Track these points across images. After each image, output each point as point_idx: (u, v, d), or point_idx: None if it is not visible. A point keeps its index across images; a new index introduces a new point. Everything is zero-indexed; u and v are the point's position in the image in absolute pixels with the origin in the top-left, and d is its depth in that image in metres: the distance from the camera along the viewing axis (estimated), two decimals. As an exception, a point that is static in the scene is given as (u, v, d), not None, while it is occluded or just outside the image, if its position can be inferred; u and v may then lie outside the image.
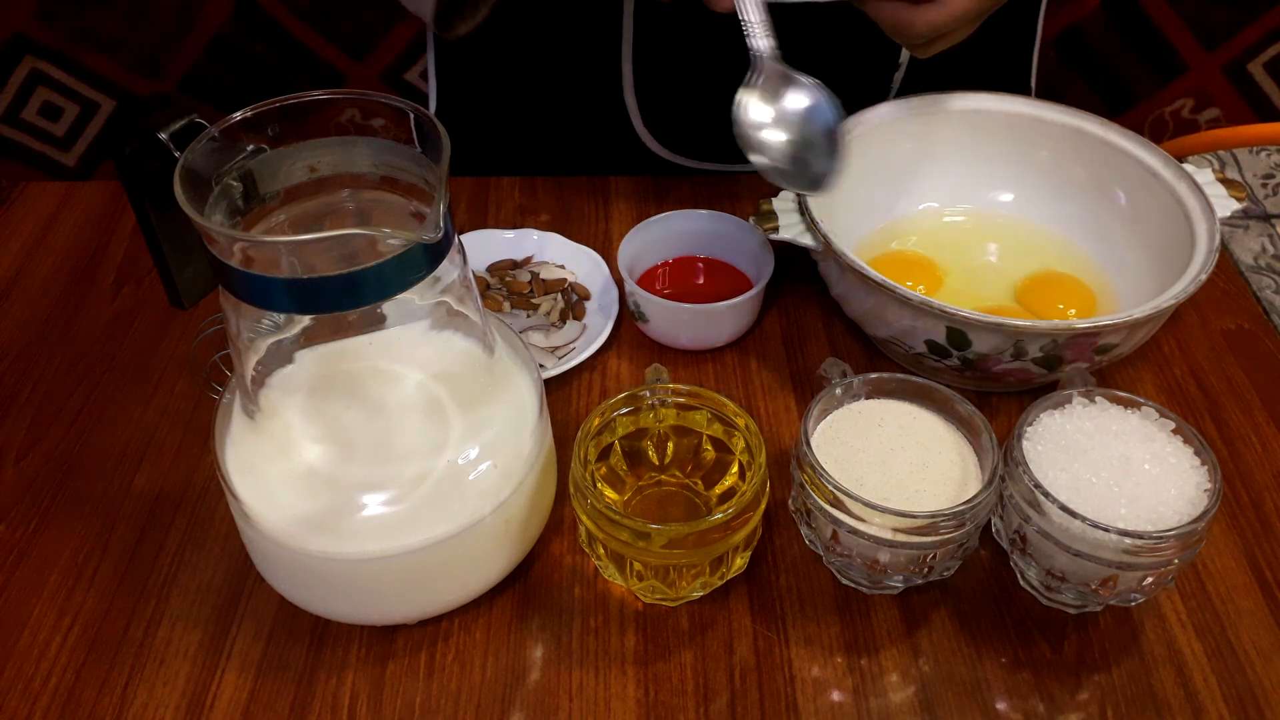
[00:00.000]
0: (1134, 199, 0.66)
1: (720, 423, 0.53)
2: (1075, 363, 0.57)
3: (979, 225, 0.72)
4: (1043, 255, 0.69)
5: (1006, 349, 0.56)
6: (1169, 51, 1.36)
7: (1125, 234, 0.67)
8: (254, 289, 0.39)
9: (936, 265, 0.69)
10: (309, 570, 0.47)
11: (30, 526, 0.56)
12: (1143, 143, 0.66)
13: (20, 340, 0.67)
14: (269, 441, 0.46)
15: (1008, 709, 0.48)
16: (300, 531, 0.45)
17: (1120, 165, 0.67)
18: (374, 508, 0.46)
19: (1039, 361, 0.57)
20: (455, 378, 0.48)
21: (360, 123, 0.55)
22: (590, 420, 0.52)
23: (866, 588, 0.52)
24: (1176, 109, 1.41)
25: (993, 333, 0.55)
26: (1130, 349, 0.58)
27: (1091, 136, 0.68)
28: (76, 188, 0.79)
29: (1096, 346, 0.56)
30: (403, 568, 0.46)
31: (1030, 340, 0.55)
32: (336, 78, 1.50)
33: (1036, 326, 0.55)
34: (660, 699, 0.48)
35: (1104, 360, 0.58)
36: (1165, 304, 0.55)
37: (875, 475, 0.50)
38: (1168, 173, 0.64)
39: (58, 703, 0.48)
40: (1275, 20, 1.32)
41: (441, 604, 0.50)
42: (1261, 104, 1.40)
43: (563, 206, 0.77)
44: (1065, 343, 0.55)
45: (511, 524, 0.49)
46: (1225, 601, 0.52)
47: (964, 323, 0.55)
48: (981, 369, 0.58)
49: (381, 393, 0.47)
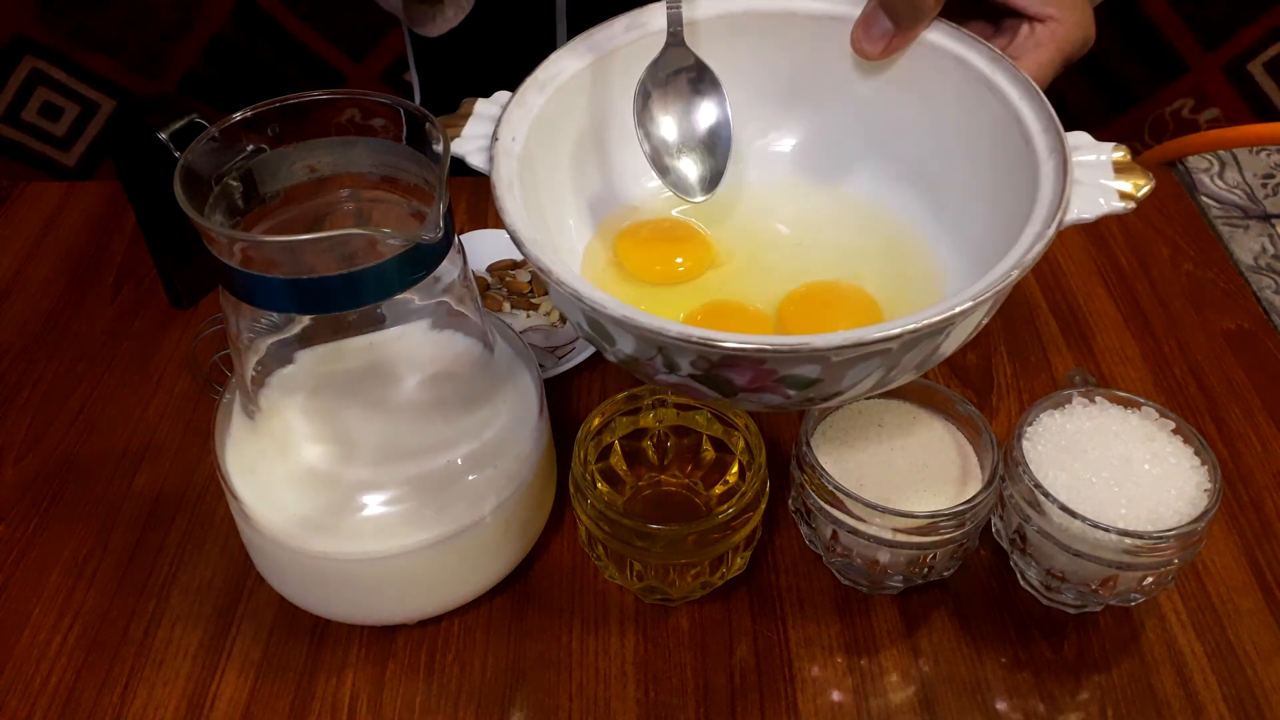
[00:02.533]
0: (968, 135, 0.48)
1: (720, 423, 0.53)
2: (761, 393, 0.41)
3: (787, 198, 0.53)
4: (854, 240, 0.51)
5: (653, 354, 0.40)
6: (1169, 51, 1.36)
7: (960, 198, 0.49)
8: (254, 289, 0.39)
9: (713, 250, 0.52)
10: (309, 570, 0.47)
11: (30, 526, 0.56)
12: (969, 41, 0.47)
13: (20, 340, 0.67)
14: (269, 441, 0.46)
15: (1008, 709, 0.48)
16: (300, 531, 0.45)
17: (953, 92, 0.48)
18: (374, 508, 0.46)
19: (700, 379, 0.41)
20: (456, 377, 0.47)
21: (360, 123, 0.55)
22: (590, 420, 0.52)
23: (866, 588, 0.52)
24: (1176, 109, 1.42)
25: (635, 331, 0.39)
26: (859, 394, 0.42)
27: (944, 52, 0.48)
28: (76, 188, 0.79)
29: (780, 376, 0.39)
30: (402, 568, 0.46)
31: (677, 352, 0.39)
32: (336, 78, 1.50)
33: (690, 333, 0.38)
34: (660, 699, 0.48)
35: (803, 396, 0.41)
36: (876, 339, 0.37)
37: (875, 475, 0.50)
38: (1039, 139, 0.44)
39: (58, 703, 0.48)
40: (1275, 20, 1.32)
41: (442, 604, 0.50)
42: (1261, 104, 1.40)
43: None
44: (721, 360, 0.39)
45: (512, 524, 0.49)
46: (1225, 601, 0.52)
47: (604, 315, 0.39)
48: (641, 372, 0.43)
49: (382, 392, 0.47)
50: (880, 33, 0.49)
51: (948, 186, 0.50)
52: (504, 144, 0.45)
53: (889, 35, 0.49)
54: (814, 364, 0.39)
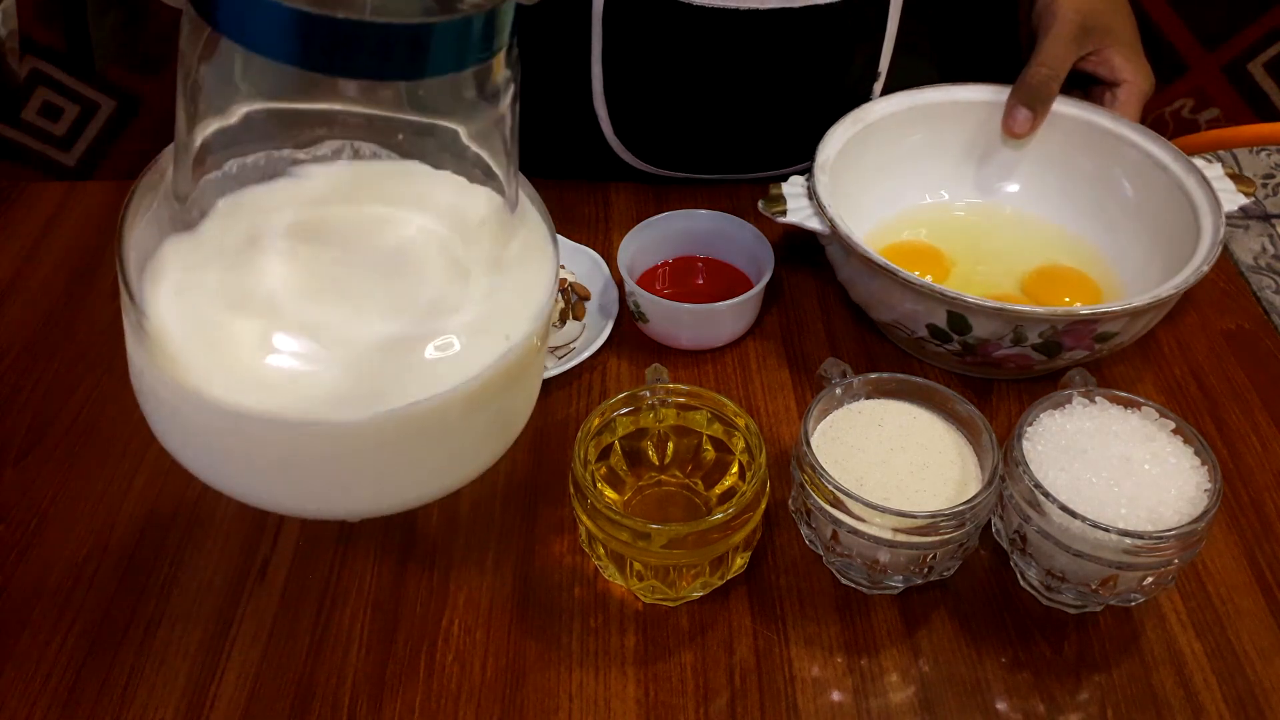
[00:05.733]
0: (1140, 191, 0.67)
1: (720, 423, 0.53)
2: (1074, 350, 0.57)
3: (987, 217, 0.73)
4: (1049, 248, 0.70)
5: (1006, 334, 0.57)
6: (1169, 51, 1.36)
7: (1131, 226, 0.67)
8: (252, 21, 0.27)
9: (944, 255, 0.69)
10: (237, 435, 0.37)
11: (30, 526, 0.56)
12: (1151, 135, 0.66)
13: (20, 340, 0.67)
14: (212, 255, 0.36)
15: (1008, 709, 0.48)
16: (236, 384, 0.35)
17: (1128, 157, 0.67)
18: (339, 367, 0.36)
19: (1038, 348, 0.57)
20: (469, 234, 0.40)
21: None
22: (590, 420, 0.52)
23: (866, 588, 0.52)
24: (1176, 109, 1.41)
25: (992, 317, 0.56)
26: (1130, 339, 0.59)
27: (1100, 129, 0.68)
28: (76, 188, 0.79)
29: (1096, 334, 0.57)
30: (365, 442, 0.37)
31: (1030, 325, 0.56)
32: (336, 78, 1.50)
33: (1035, 311, 0.56)
34: (660, 699, 0.48)
35: (1104, 349, 0.58)
36: (1165, 293, 0.56)
37: (875, 475, 0.50)
38: (1175, 166, 0.64)
39: (58, 703, 0.48)
40: (1275, 20, 1.32)
41: (404, 497, 0.42)
42: (1261, 104, 1.40)
43: (563, 206, 0.77)
44: (1064, 329, 0.56)
45: (497, 409, 0.41)
46: (1225, 601, 0.52)
47: (964, 306, 0.56)
48: (981, 354, 0.59)
49: (375, 234, 0.39)
50: (1023, 118, 0.69)
51: (1113, 213, 0.69)
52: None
53: (1030, 119, 0.68)
54: (1119, 320, 0.56)
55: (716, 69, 0.71)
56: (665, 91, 0.73)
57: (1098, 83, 0.72)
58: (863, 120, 0.68)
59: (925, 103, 0.70)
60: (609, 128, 0.75)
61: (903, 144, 0.71)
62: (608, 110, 0.74)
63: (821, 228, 0.62)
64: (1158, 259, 0.63)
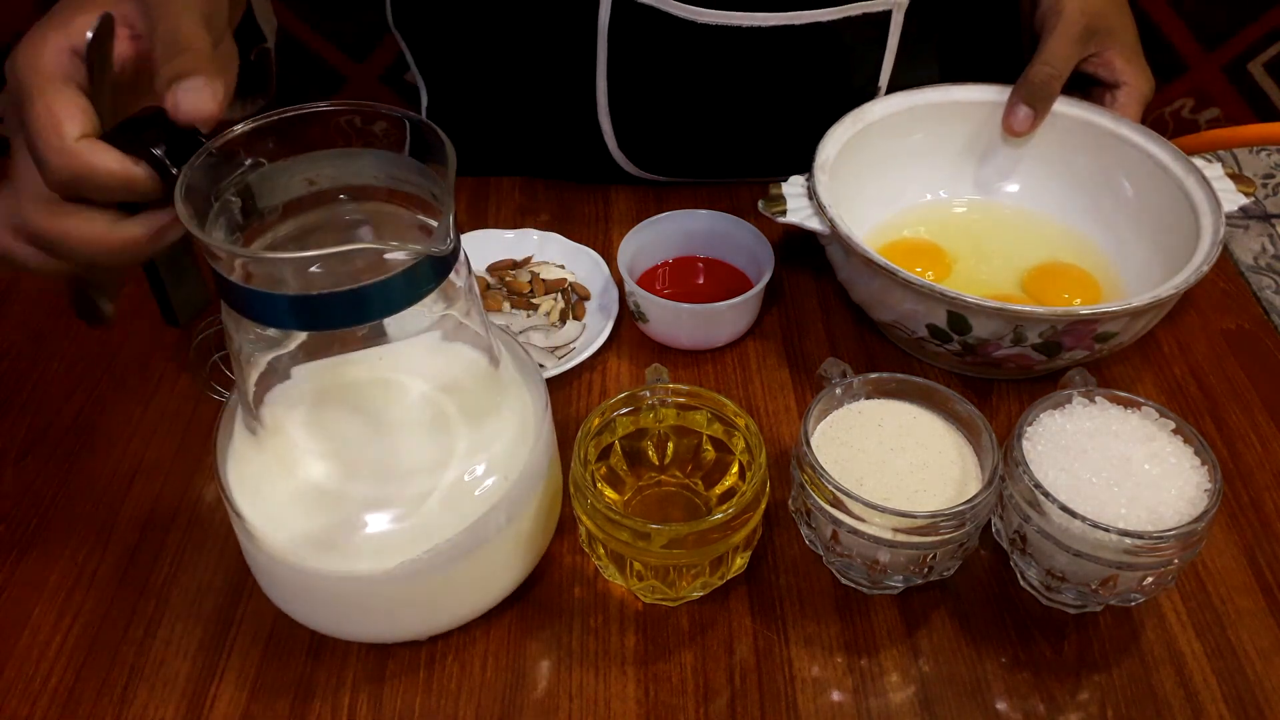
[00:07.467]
0: (1140, 191, 0.67)
1: (720, 423, 0.53)
2: (1074, 350, 0.58)
3: (987, 215, 0.73)
4: (1050, 246, 0.70)
5: (1006, 334, 0.57)
6: (1169, 51, 1.35)
7: (1131, 226, 0.67)
8: (257, 306, 0.38)
9: (945, 253, 0.69)
10: (313, 589, 0.46)
11: (30, 526, 0.56)
12: (1151, 135, 0.66)
13: (20, 340, 0.67)
14: (273, 458, 0.45)
15: (1008, 709, 0.48)
16: (305, 550, 0.44)
17: (1128, 157, 0.67)
18: (379, 524, 0.44)
19: (1039, 348, 0.57)
20: (461, 390, 0.47)
21: (361, 127, 0.54)
22: (590, 420, 0.52)
23: (866, 588, 0.52)
24: (1176, 109, 1.41)
25: (992, 317, 0.56)
26: (1131, 339, 0.59)
27: (1100, 128, 0.68)
28: (76, 188, 0.79)
29: (1096, 334, 0.57)
30: (409, 586, 0.45)
31: (1030, 325, 0.56)
32: (337, 78, 1.50)
33: (1035, 311, 0.55)
34: (660, 699, 0.48)
35: (1105, 350, 0.58)
36: (1165, 293, 0.56)
37: (875, 475, 0.50)
38: (1175, 166, 0.64)
39: (58, 703, 0.48)
40: (1275, 20, 1.32)
41: (449, 621, 0.49)
42: (1261, 104, 1.40)
43: (563, 206, 0.77)
44: (1065, 329, 0.56)
45: (520, 538, 0.49)
46: (1225, 601, 0.52)
47: (964, 307, 0.56)
48: (981, 354, 0.59)
49: (386, 407, 0.46)
50: (1024, 116, 0.69)
51: (1113, 213, 0.69)
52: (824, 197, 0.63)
53: (1031, 117, 0.69)
54: (1119, 320, 0.56)
55: (719, 84, 0.71)
56: (669, 106, 0.73)
57: (1098, 84, 0.72)
58: (862, 120, 0.68)
59: (925, 103, 0.70)
60: (613, 141, 0.76)
61: (902, 144, 0.71)
62: (612, 124, 0.74)
63: (821, 228, 0.62)
64: (1158, 259, 0.63)
